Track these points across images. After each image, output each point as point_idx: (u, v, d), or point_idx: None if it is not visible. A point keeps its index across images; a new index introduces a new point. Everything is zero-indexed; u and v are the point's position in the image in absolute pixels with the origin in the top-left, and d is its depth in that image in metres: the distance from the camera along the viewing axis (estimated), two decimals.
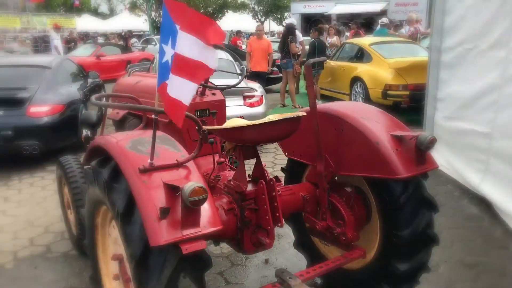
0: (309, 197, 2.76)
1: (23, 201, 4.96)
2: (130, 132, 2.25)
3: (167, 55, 1.71)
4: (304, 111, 2.69)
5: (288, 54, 9.57)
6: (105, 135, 2.42)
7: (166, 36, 1.70)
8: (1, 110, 5.80)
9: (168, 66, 1.71)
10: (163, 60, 1.73)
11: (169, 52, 1.70)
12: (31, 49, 23.71)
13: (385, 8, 30.37)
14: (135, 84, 3.61)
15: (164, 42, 1.73)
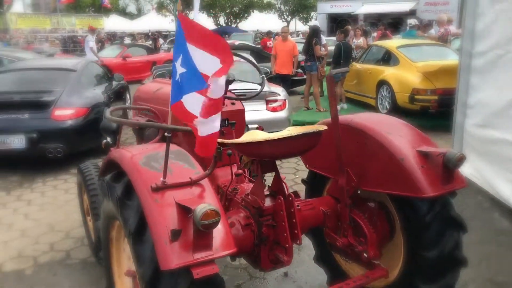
0: (330, 212, 2.66)
1: (46, 204, 5.01)
2: (145, 146, 2.20)
3: (178, 73, 1.64)
4: (325, 123, 2.59)
5: (313, 56, 9.42)
6: (121, 148, 2.38)
7: (178, 53, 1.63)
8: (26, 113, 5.89)
9: (179, 84, 1.64)
10: (176, 78, 1.66)
11: (179, 70, 1.63)
12: (60, 49, 24.25)
13: (414, 7, 29.82)
14: (155, 92, 3.57)
15: (175, 59, 1.66)
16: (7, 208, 4.91)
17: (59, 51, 22.78)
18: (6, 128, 5.81)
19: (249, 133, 2.49)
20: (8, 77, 6.78)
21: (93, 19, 39.94)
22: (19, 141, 5.79)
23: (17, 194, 5.34)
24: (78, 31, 35.98)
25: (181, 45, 1.60)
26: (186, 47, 1.58)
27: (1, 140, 5.78)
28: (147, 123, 2.99)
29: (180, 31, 1.60)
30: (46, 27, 34.53)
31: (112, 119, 2.24)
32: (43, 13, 39.23)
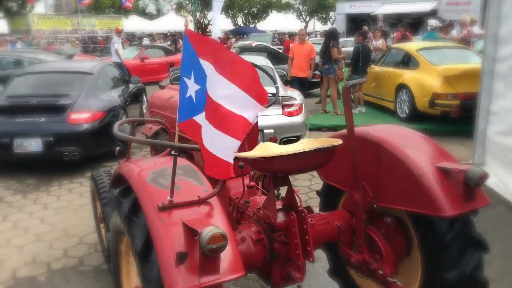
0: (344, 227, 2.58)
1: (61, 208, 5.03)
2: (153, 161, 2.15)
3: (190, 89, 1.58)
4: (341, 135, 2.51)
5: (330, 59, 9.31)
6: (130, 161, 2.33)
7: (188, 69, 1.57)
8: (43, 116, 5.94)
9: (192, 101, 1.58)
10: (186, 95, 1.59)
11: (193, 87, 1.57)
12: (80, 50, 24.56)
13: (435, 7, 29.24)
14: (168, 100, 3.53)
15: (185, 75, 1.59)
16: (24, 212, 4.95)
17: (79, 51, 23.07)
18: (24, 131, 5.87)
19: (261, 146, 2.42)
20: (26, 80, 6.85)
21: (112, 20, 40.41)
22: (36, 144, 5.84)
23: (34, 197, 5.38)
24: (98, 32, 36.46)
25: (192, 61, 1.53)
26: (199, 63, 1.51)
27: (19, 143, 5.83)
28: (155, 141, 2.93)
29: (189, 47, 1.53)
30: (66, 28, 35.05)
31: (119, 135, 2.19)
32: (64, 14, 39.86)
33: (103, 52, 24.73)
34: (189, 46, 1.53)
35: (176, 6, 51.23)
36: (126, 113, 7.13)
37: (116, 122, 2.29)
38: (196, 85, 1.55)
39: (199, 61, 1.51)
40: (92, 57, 19.56)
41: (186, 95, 1.60)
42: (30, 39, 28.49)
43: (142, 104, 9.06)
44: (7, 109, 6.08)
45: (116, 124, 2.26)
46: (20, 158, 6.00)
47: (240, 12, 48.52)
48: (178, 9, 49.13)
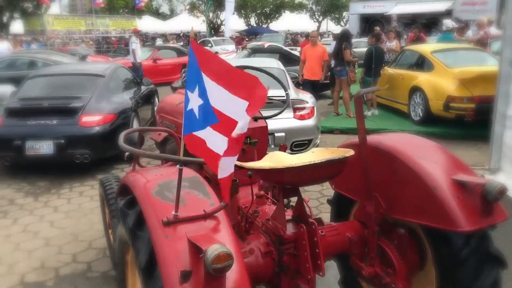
0: (356, 239, 2.50)
1: (71, 212, 5.02)
2: (160, 171, 2.10)
3: (192, 103, 1.53)
4: (353, 144, 2.44)
5: (342, 61, 9.19)
6: (137, 171, 2.29)
7: (191, 82, 1.52)
8: (55, 119, 5.95)
9: (194, 116, 1.53)
10: (188, 108, 1.55)
11: (195, 101, 1.52)
12: (93, 50, 24.76)
13: (451, 7, 28.83)
14: (177, 106, 3.49)
15: (189, 88, 1.54)
16: (34, 215, 4.95)
17: (93, 52, 23.26)
18: (36, 134, 5.90)
19: (270, 156, 2.36)
20: (38, 83, 6.88)
21: (126, 20, 40.70)
22: (47, 146, 5.86)
23: (45, 200, 5.39)
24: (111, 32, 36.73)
25: (196, 74, 1.48)
26: (202, 78, 1.46)
27: (31, 145, 5.86)
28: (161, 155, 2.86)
29: (194, 58, 1.48)
30: (80, 28, 35.38)
31: (123, 147, 2.13)
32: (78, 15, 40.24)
33: (116, 52, 24.96)
34: (194, 58, 1.48)
35: (189, 7, 51.37)
36: (137, 116, 7.13)
37: (122, 132, 2.23)
38: (199, 99, 1.50)
39: (202, 75, 1.46)
40: (105, 58, 19.68)
41: (187, 108, 1.55)
42: (45, 39, 28.80)
43: (154, 106, 9.05)
44: (19, 112, 6.11)
45: (122, 135, 2.21)
46: (32, 160, 6.02)
47: (253, 12, 48.47)
48: (191, 9, 49.26)
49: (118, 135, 6.15)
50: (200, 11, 46.11)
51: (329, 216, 3.16)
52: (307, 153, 2.39)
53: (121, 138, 2.18)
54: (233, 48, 22.52)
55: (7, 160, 6.03)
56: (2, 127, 5.97)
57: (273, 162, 2.12)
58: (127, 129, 2.45)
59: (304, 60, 9.46)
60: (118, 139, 2.11)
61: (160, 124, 3.75)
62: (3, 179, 6.08)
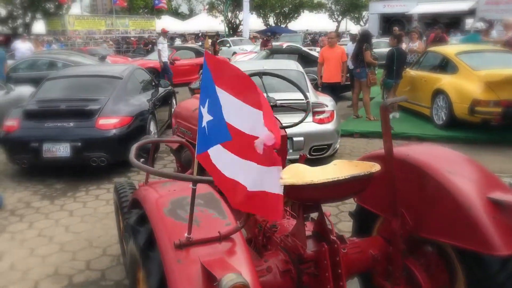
0: (380, 257, 2.36)
1: (87, 216, 4.97)
2: (173, 187, 1.99)
3: (204, 119, 1.41)
4: (378, 156, 2.29)
5: (362, 62, 8.98)
6: (149, 184, 2.17)
7: (203, 97, 1.40)
8: (72, 121, 5.92)
9: (205, 133, 1.41)
10: (202, 125, 1.43)
11: (206, 117, 1.40)
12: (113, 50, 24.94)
13: (474, 6, 28.20)
14: (193, 111, 3.38)
15: (201, 103, 1.42)
16: (50, 219, 4.91)
17: (112, 52, 23.41)
18: (53, 136, 5.88)
19: (290, 169, 2.22)
20: (56, 84, 6.87)
21: (145, 20, 40.97)
22: (64, 149, 5.83)
23: (61, 203, 5.35)
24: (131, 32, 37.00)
25: (208, 88, 1.36)
26: (215, 91, 1.34)
27: (47, 148, 5.84)
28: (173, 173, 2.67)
29: (207, 72, 1.36)
30: (101, 28, 35.72)
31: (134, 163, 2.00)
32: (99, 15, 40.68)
33: (135, 52, 25.11)
34: (207, 71, 1.36)
35: (208, 6, 51.46)
36: (154, 118, 7.07)
37: (133, 145, 2.11)
38: (208, 116, 1.38)
39: (215, 88, 1.34)
40: (124, 58, 19.77)
41: (201, 125, 1.43)
42: (66, 39, 29.16)
43: (171, 108, 9.00)
44: (37, 114, 6.10)
45: (134, 148, 2.09)
46: (48, 163, 6.00)
47: (272, 11, 48.28)
48: (210, 9, 49.33)
49: (135, 138, 6.10)
50: (218, 11, 46.14)
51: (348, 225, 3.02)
52: (329, 166, 2.25)
53: (132, 152, 2.05)
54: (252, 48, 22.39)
55: (24, 162, 6.01)
56: (20, 129, 5.97)
57: (293, 177, 1.99)
58: (139, 141, 2.33)
59: (321, 63, 9.21)
60: (130, 153, 1.99)
61: (176, 130, 3.65)
62: (20, 181, 6.08)
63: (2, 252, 4.16)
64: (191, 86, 12.56)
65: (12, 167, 6.44)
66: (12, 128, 6.02)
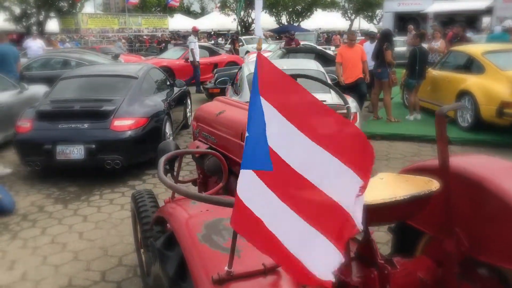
0: (429, 280, 2.11)
1: (101, 222, 4.78)
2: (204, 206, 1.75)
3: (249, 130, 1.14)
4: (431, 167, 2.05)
5: (383, 62, 8.68)
6: (176, 201, 1.94)
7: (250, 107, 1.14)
8: (86, 123, 5.74)
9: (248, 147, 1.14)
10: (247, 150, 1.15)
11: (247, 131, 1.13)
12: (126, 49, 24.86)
13: (491, 5, 27.65)
14: (217, 116, 3.15)
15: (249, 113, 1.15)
16: (63, 225, 4.73)
17: (125, 51, 23.32)
18: (66, 138, 5.71)
19: None
20: (70, 84, 6.71)
21: (158, 19, 40.92)
22: (78, 151, 5.65)
23: (74, 208, 5.17)
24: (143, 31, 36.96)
25: (255, 98, 1.12)
26: (259, 101, 1.10)
27: (61, 150, 5.66)
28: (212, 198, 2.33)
29: (255, 78, 1.13)
30: (113, 27, 35.74)
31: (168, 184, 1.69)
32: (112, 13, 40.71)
33: (148, 51, 25.00)
34: (256, 77, 1.12)
35: (220, 5, 51.26)
36: (170, 119, 6.86)
37: (161, 159, 1.84)
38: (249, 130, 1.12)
39: (260, 100, 1.09)
40: (137, 57, 19.65)
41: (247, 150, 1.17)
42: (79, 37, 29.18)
43: (186, 108, 8.81)
44: (50, 115, 5.93)
45: (161, 162, 1.80)
46: (62, 165, 5.83)
47: (284, 10, 47.91)
48: (222, 7, 49.11)
49: (151, 140, 5.89)
50: (231, 9, 45.91)
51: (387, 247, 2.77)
52: (375, 180, 2.01)
53: (160, 167, 1.78)
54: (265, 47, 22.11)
55: (37, 164, 5.84)
56: (33, 131, 5.80)
57: None
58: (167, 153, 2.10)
59: (340, 63, 8.79)
60: (158, 167, 1.74)
61: (198, 134, 3.43)
62: (33, 184, 5.92)
63: (14, 260, 3.99)
64: (206, 86, 12.39)
65: (25, 170, 6.27)
66: (25, 129, 5.86)
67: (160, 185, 5.80)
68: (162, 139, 6.36)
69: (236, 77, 8.15)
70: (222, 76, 10.61)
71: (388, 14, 34.58)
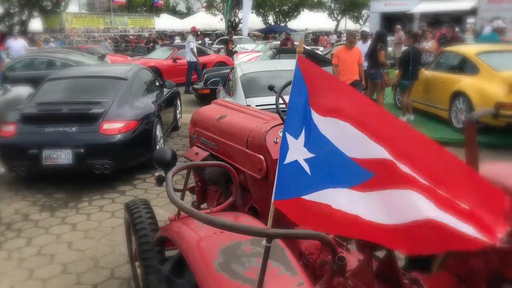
0: None
1: (91, 230, 4.55)
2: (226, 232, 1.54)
3: (295, 154, 0.98)
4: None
5: (377, 63, 8.58)
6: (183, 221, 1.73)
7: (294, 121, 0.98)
8: (74, 126, 5.50)
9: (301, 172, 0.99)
10: (285, 161, 1.01)
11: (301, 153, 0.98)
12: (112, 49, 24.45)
13: (476, 5, 27.93)
14: (217, 121, 2.96)
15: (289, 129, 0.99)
16: (50, 234, 4.49)
17: (111, 51, 22.92)
18: (53, 142, 5.45)
19: None
20: (56, 86, 6.45)
21: (144, 19, 40.42)
22: (65, 156, 5.41)
23: (62, 215, 4.93)
24: (129, 31, 36.47)
25: (301, 111, 0.95)
26: (309, 114, 0.93)
27: (48, 154, 5.41)
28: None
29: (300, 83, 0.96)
30: (99, 26, 35.19)
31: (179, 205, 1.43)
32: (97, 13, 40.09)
33: (134, 51, 24.61)
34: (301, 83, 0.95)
35: (206, 5, 50.91)
36: (160, 121, 6.65)
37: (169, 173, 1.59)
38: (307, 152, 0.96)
39: (310, 112, 0.93)
40: (124, 57, 19.32)
41: (284, 160, 1.01)
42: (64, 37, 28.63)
43: (176, 109, 8.59)
44: (36, 118, 5.67)
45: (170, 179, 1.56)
46: (49, 170, 5.57)
47: (271, 10, 47.81)
48: (208, 7, 48.77)
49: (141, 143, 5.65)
50: (217, 9, 45.61)
51: None
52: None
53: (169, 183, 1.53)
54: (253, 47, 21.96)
55: (22, 170, 5.57)
56: (17, 135, 5.53)
57: None
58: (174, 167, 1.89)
59: (336, 64, 8.58)
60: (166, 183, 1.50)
61: (196, 140, 3.23)
62: (18, 190, 5.65)
63: None
64: (195, 86, 12.16)
65: (9, 175, 5.99)
66: (9, 133, 5.58)
67: (151, 190, 5.60)
68: (153, 142, 6.15)
69: (227, 78, 7.96)
70: (212, 77, 10.39)
71: (374, 14, 34.72)
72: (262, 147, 2.28)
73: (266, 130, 2.33)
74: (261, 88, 6.21)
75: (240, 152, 2.47)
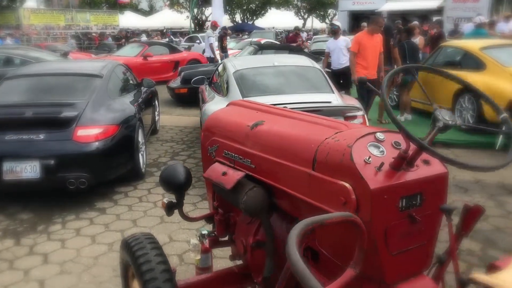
0: None
1: (68, 263, 3.67)
2: None
3: None
4: None
5: (389, 60, 7.99)
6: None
7: None
8: (42, 133, 4.57)
9: None
10: None
11: None
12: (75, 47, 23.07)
13: (442, 4, 28.30)
14: (254, 130, 2.14)
15: None
16: (16, 270, 3.59)
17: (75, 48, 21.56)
18: (16, 152, 4.51)
19: None
20: (18, 85, 5.46)
21: (108, 15, 38.81)
22: (32, 169, 4.48)
23: (30, 243, 4.02)
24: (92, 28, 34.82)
25: None
26: None
27: (9, 167, 4.47)
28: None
29: None
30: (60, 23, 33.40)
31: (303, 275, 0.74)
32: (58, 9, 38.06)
33: (98, 49, 23.28)
34: None
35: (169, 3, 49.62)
36: (142, 125, 5.78)
37: (293, 232, 0.85)
38: None
39: None
40: (88, 55, 18.13)
41: None
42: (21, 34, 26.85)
43: (155, 110, 7.73)
44: None
45: (294, 243, 0.80)
46: (11, 187, 4.61)
47: (239, 8, 47.14)
48: (171, 5, 47.50)
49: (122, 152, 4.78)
50: (183, 6, 44.44)
51: None
52: None
53: (293, 249, 0.76)
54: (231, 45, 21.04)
55: None
56: None
57: None
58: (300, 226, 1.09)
59: (355, 53, 7.39)
60: (288, 250, 0.74)
61: (215, 153, 2.42)
62: None
63: None
64: (170, 86, 11.23)
65: None
66: None
67: (136, 206, 4.75)
68: (135, 150, 5.29)
69: (213, 76, 7.15)
70: (191, 75, 9.53)
71: (343, 13, 34.76)
72: (346, 169, 1.53)
73: (349, 145, 1.58)
74: (261, 86, 5.46)
75: (302, 175, 1.70)
